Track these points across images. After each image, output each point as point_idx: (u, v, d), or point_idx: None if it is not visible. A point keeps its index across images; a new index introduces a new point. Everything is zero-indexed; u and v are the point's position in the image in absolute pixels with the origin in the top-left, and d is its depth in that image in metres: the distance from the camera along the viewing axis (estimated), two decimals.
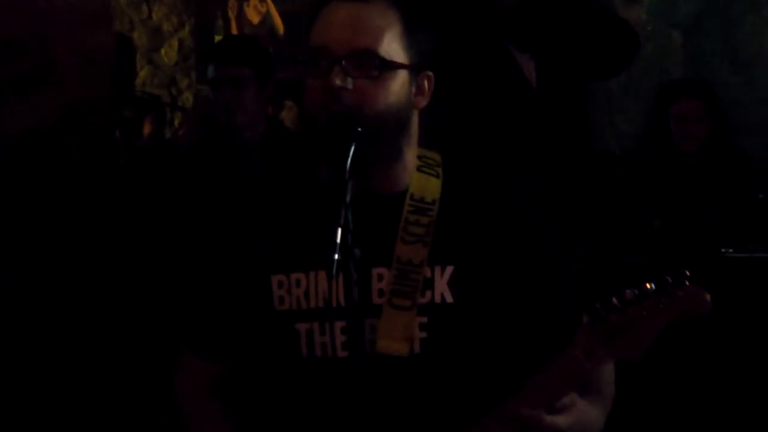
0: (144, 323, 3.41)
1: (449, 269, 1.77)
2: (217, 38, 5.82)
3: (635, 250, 3.99)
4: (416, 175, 1.81)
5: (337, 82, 1.71)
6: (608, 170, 4.46)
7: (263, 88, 3.54)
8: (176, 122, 5.82)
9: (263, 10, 5.99)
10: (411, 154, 1.82)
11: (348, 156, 1.69)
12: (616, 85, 5.29)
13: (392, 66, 1.74)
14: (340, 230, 1.63)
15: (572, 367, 1.70)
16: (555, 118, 2.75)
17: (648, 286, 1.69)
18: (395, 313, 1.74)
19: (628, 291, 1.69)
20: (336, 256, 1.60)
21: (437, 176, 1.81)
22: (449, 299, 1.76)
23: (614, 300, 1.69)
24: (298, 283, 1.80)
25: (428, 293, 1.76)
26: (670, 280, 1.68)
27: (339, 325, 1.77)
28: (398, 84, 1.75)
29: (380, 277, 1.76)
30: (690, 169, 4.15)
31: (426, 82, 1.81)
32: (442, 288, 1.77)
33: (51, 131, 3.12)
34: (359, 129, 1.72)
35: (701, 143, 4.15)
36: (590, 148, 2.99)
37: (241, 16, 6.00)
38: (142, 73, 6.11)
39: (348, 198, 1.67)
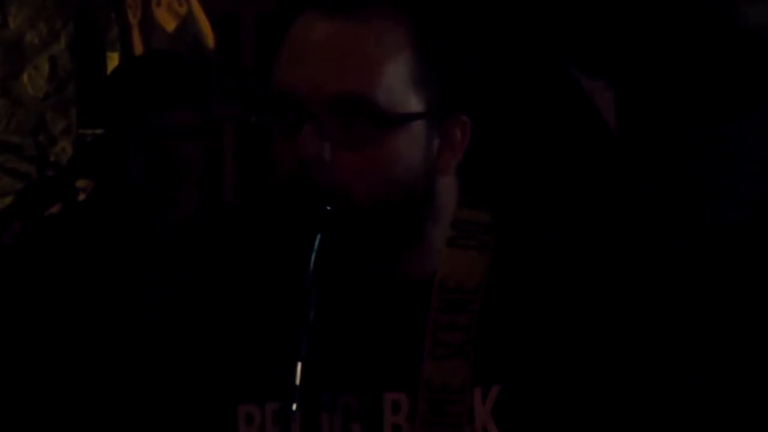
0: None
1: (494, 390, 1.74)
2: (111, 56, 5.64)
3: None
4: (448, 251, 1.75)
5: (309, 150, 1.64)
6: (722, 251, 4.58)
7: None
8: None
9: (182, 11, 5.72)
10: (439, 229, 1.76)
11: (311, 252, 1.64)
12: (732, 127, 5.51)
13: (397, 120, 1.67)
14: (299, 366, 1.61)
15: None
16: (644, 173, 2.77)
17: None
18: None
19: None
20: (293, 407, 1.61)
21: (483, 248, 1.76)
22: None
23: None
24: (276, 416, 1.77)
25: (467, 430, 1.72)
26: None
27: None
28: (409, 143, 1.70)
29: (396, 407, 1.73)
30: None
31: (458, 132, 1.74)
32: (484, 419, 1.73)
33: None
34: (328, 207, 1.65)
35: None
36: (697, 220, 2.99)
37: (147, 20, 5.92)
38: None
39: (312, 315, 1.62)
